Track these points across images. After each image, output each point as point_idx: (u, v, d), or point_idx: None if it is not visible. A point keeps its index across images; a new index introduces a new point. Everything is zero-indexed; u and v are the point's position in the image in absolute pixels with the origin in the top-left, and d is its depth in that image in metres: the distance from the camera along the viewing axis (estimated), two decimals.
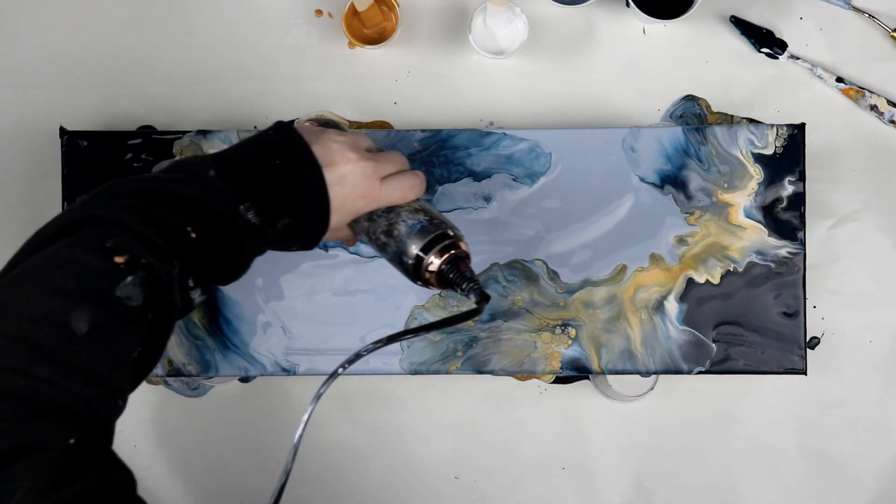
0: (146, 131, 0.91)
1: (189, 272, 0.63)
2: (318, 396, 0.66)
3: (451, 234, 0.72)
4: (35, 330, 0.55)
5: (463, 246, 0.72)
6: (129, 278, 0.58)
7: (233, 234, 0.65)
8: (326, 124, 0.77)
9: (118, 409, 0.59)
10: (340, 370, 0.67)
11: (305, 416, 0.66)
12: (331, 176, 0.70)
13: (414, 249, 0.71)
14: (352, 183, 0.70)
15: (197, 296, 0.65)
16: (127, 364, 0.59)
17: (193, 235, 0.63)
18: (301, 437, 0.67)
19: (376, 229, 0.73)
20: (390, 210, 0.73)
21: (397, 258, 0.73)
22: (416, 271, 0.72)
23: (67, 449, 0.53)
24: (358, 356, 0.67)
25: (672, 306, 0.87)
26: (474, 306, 0.70)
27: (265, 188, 0.67)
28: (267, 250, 0.71)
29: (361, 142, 0.74)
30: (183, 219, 0.63)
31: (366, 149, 0.74)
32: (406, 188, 0.74)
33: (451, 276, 0.71)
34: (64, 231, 0.60)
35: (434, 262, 0.71)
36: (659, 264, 0.87)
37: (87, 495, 0.53)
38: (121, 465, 0.57)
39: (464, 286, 0.71)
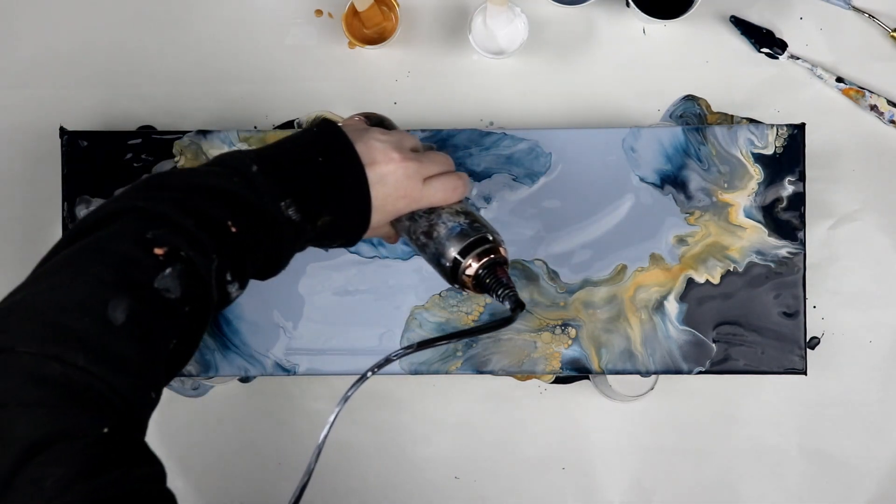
0: (146, 131, 0.91)
1: (228, 266, 0.63)
2: (345, 398, 0.66)
3: (491, 238, 0.72)
4: (72, 318, 0.55)
5: (502, 251, 0.72)
6: (168, 270, 0.58)
7: (273, 229, 0.65)
8: (369, 118, 0.77)
9: (152, 401, 0.59)
10: (370, 374, 0.67)
11: (332, 418, 0.66)
12: (372, 175, 0.69)
13: (452, 252, 0.71)
14: (393, 183, 0.70)
15: (234, 290, 0.65)
16: (162, 356, 0.60)
17: (234, 230, 0.63)
18: (326, 437, 0.66)
19: (417, 229, 0.73)
20: (432, 211, 0.73)
21: (435, 260, 0.72)
22: (453, 274, 0.72)
23: (101, 438, 0.53)
24: (388, 360, 0.68)
25: (672, 306, 0.87)
26: (500, 313, 0.70)
27: (306, 185, 0.67)
28: (308, 247, 0.70)
29: (406, 141, 0.74)
30: (223, 213, 0.63)
31: (411, 148, 0.73)
32: (448, 190, 0.73)
33: (488, 281, 0.71)
34: (105, 221, 0.60)
35: (471, 266, 0.71)
36: (659, 264, 0.87)
37: (118, 485, 0.53)
38: (152, 457, 0.57)
39: (499, 292, 0.71)
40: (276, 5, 0.95)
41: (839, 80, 0.94)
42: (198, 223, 0.61)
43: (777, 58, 0.95)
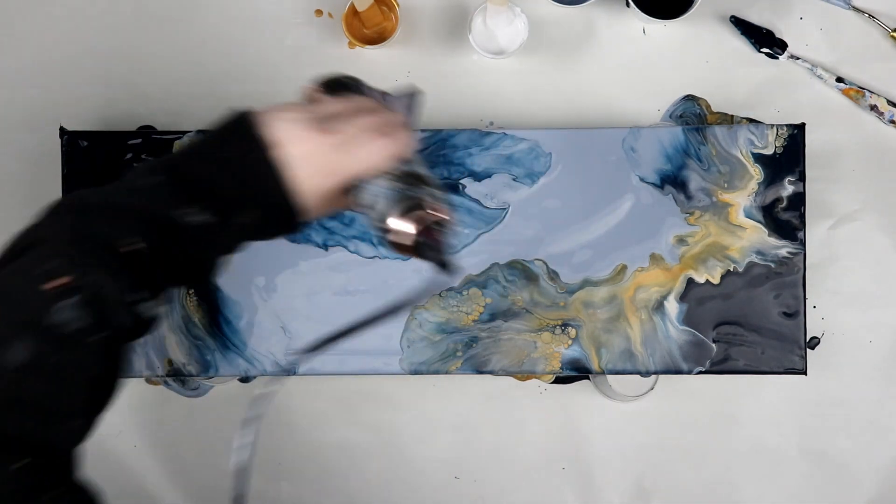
0: (146, 131, 0.91)
1: (134, 285, 0.60)
2: (247, 420, 0.62)
3: (424, 200, 0.65)
4: None
5: (440, 213, 0.65)
6: (65, 302, 0.57)
7: (183, 237, 0.62)
8: (327, 85, 0.70)
9: (70, 433, 0.59)
10: (277, 387, 0.64)
11: (241, 441, 0.62)
12: (282, 158, 0.63)
13: (386, 219, 0.65)
14: (308, 163, 0.63)
15: (149, 307, 0.62)
16: (77, 388, 0.58)
17: (138, 246, 0.60)
18: (250, 459, 0.62)
19: (358, 200, 0.67)
20: (367, 179, 0.66)
21: (377, 229, 0.66)
22: (391, 244, 0.66)
23: (10, 475, 0.54)
24: (287, 373, 0.65)
25: (672, 306, 0.87)
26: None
27: (212, 184, 0.63)
28: (242, 243, 0.66)
29: (330, 107, 0.66)
30: (128, 231, 0.60)
31: (334, 114, 0.65)
32: (373, 156, 0.65)
33: (421, 247, 0.64)
34: (9, 258, 0.60)
35: (404, 232, 0.64)
36: (659, 264, 0.87)
37: None
38: (76, 485, 0.57)
39: (428, 256, 0.65)
40: (276, 5, 0.95)
41: (839, 80, 0.94)
42: (93, 246, 0.59)
43: (777, 58, 0.95)
